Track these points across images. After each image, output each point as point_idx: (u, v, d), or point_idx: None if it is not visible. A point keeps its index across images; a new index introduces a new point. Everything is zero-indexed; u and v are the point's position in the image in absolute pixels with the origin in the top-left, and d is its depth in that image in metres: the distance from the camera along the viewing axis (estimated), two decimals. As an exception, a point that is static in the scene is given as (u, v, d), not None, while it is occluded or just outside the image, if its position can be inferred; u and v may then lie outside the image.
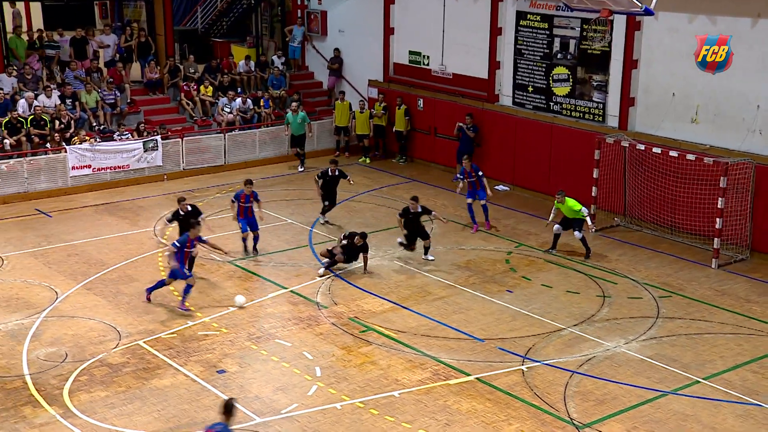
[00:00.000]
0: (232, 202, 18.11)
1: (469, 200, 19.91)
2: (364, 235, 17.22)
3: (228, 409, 9.91)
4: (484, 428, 12.02)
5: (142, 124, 23.93)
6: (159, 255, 18.10)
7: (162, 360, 13.76)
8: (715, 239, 17.83)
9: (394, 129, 25.57)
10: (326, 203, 19.94)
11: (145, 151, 23.17)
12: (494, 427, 12.07)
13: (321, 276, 17.00)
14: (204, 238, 16.31)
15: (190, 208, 17.11)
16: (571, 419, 12.26)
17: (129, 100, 24.97)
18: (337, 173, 19.81)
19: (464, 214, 20.31)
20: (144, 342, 14.34)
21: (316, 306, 15.92)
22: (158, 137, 23.43)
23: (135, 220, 20.32)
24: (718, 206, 17.74)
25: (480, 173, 19.73)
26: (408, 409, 12.49)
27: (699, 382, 13.34)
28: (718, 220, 17.76)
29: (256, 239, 18.18)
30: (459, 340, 14.69)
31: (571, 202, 17.94)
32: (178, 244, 15.56)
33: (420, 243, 18.07)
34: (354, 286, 16.76)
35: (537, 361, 13.91)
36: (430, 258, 17.92)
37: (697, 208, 18.59)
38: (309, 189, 22.82)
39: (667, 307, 15.97)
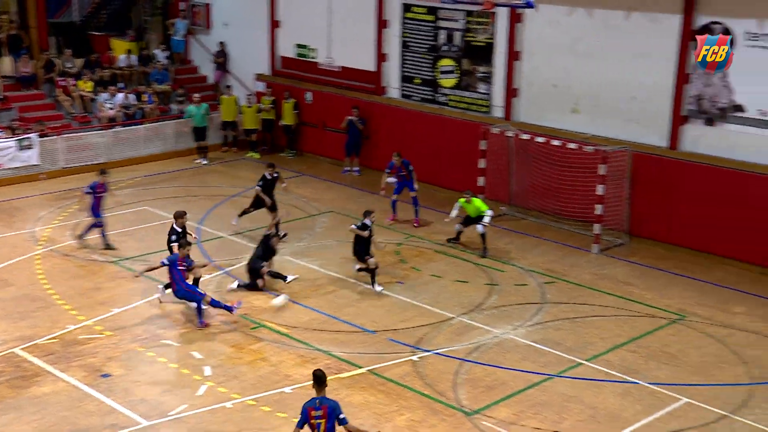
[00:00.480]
0: (88, 193, 17.60)
1: (395, 196, 19.77)
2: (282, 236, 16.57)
3: (318, 379, 9.77)
4: (376, 419, 12.03)
5: (16, 122, 22.88)
6: (36, 258, 17.36)
7: (40, 367, 13.16)
8: (596, 225, 18.41)
9: (282, 123, 25.32)
10: (252, 209, 18.86)
11: (20, 149, 22.17)
12: (386, 417, 12.10)
13: (232, 289, 16.14)
14: (192, 261, 15.15)
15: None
16: (461, 406, 12.41)
17: (0, 97, 23.82)
18: (275, 175, 18.83)
19: (352, 207, 20.28)
20: (20, 349, 13.69)
21: (204, 304, 15.61)
22: (34, 135, 22.45)
23: (10, 222, 19.42)
24: (598, 193, 18.31)
25: (411, 168, 19.67)
26: (300, 405, 12.10)
27: (582, 363, 13.74)
28: (598, 206, 18.33)
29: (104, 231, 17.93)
30: (350, 333, 14.67)
31: (478, 202, 18.11)
32: (167, 262, 14.70)
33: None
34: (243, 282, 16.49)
35: (427, 351, 14.02)
36: (378, 288, 16.14)
37: (578, 195, 19.14)
38: (195, 186, 22.45)
39: (551, 292, 16.38)
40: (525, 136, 19.59)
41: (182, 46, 28.26)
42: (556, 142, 19.02)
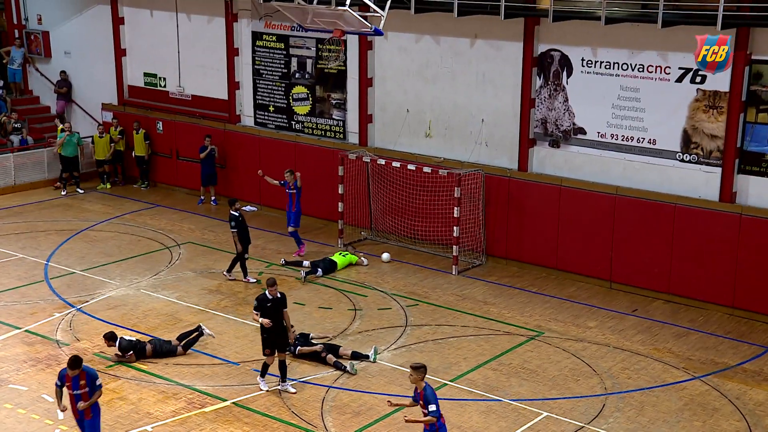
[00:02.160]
0: None
1: (292, 228, 19.29)
2: None
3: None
4: (243, 454, 11.77)
5: None
6: None
7: None
8: (454, 247, 18.82)
9: (134, 154, 24.54)
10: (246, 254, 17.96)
11: None
12: (254, 451, 11.86)
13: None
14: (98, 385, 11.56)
15: (279, 295, 13.48)
16: (330, 434, 12.34)
17: None
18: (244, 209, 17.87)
19: (210, 237, 19.90)
20: None
21: (56, 344, 14.85)
22: None
23: None
24: (455, 215, 18.75)
25: (299, 186, 19.28)
26: (162, 444, 11.94)
27: (446, 384, 13.93)
28: (455, 228, 18.76)
29: None
30: (213, 365, 14.31)
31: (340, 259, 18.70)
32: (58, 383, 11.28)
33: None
34: (97, 319, 15.81)
35: (293, 380, 13.85)
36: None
37: (436, 218, 19.52)
38: (40, 220, 21.41)
39: (414, 315, 16.57)
40: (381, 161, 19.84)
41: (19, 75, 27.04)
42: (411, 167, 19.36)
